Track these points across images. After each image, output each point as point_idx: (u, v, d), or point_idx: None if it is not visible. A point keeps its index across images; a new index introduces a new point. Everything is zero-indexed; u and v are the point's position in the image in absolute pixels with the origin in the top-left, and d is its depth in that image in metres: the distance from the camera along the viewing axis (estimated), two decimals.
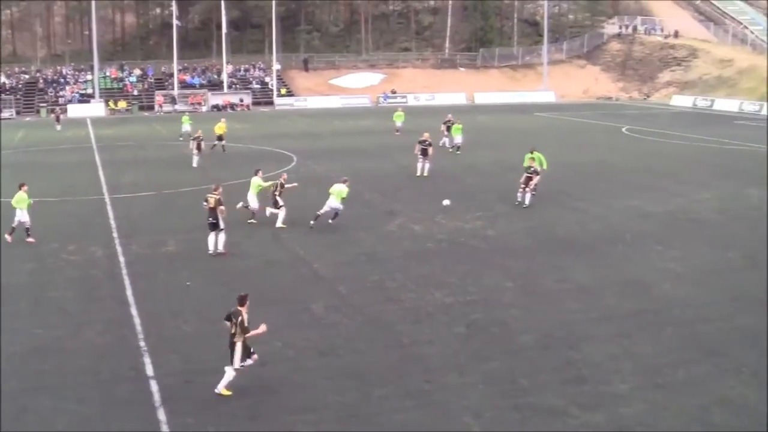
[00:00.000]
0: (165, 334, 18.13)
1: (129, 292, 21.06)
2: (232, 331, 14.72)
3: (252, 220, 28.49)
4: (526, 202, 31.45)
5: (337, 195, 27.58)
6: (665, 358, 16.77)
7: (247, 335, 14.65)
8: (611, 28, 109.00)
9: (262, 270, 23.19)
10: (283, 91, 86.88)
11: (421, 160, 38.38)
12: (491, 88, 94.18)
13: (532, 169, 32.18)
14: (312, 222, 27.78)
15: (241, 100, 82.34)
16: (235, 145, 49.58)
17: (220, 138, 46.90)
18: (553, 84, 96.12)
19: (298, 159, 44.35)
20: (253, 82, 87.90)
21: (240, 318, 14.59)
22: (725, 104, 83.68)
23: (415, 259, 24.27)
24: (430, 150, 38.48)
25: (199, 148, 41.79)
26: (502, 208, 31.42)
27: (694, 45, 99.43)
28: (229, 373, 14.89)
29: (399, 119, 55.59)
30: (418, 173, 38.26)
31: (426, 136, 38.61)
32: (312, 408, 14.52)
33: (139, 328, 18.48)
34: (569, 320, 19.01)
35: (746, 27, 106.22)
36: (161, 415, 14.32)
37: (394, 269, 23.15)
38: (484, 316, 19.32)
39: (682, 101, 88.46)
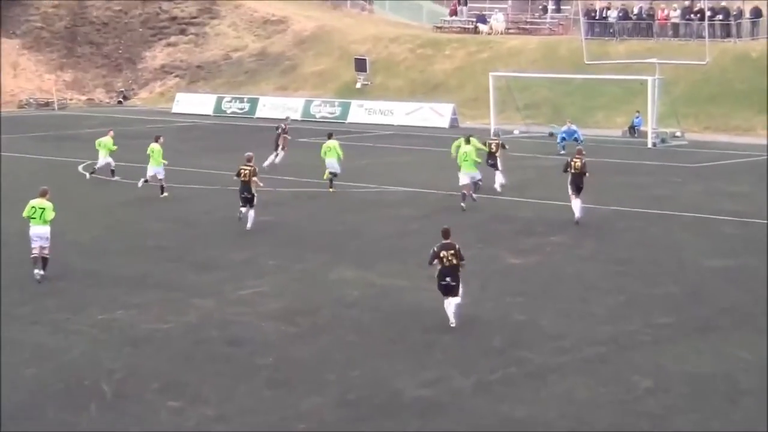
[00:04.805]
0: None
1: None
2: (454, 262, 18.21)
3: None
4: None
5: (468, 162, 30.10)
6: None
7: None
8: None
9: None
10: None
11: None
12: None
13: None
14: (474, 197, 30.54)
15: None
16: None
17: None
18: None
19: None
20: None
21: (458, 246, 18.44)
22: None
23: None
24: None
25: None
26: None
27: None
28: (458, 301, 18.39)
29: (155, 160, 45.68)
30: None
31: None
32: None
33: None
34: None
35: None
36: None
37: None
38: None
39: None
